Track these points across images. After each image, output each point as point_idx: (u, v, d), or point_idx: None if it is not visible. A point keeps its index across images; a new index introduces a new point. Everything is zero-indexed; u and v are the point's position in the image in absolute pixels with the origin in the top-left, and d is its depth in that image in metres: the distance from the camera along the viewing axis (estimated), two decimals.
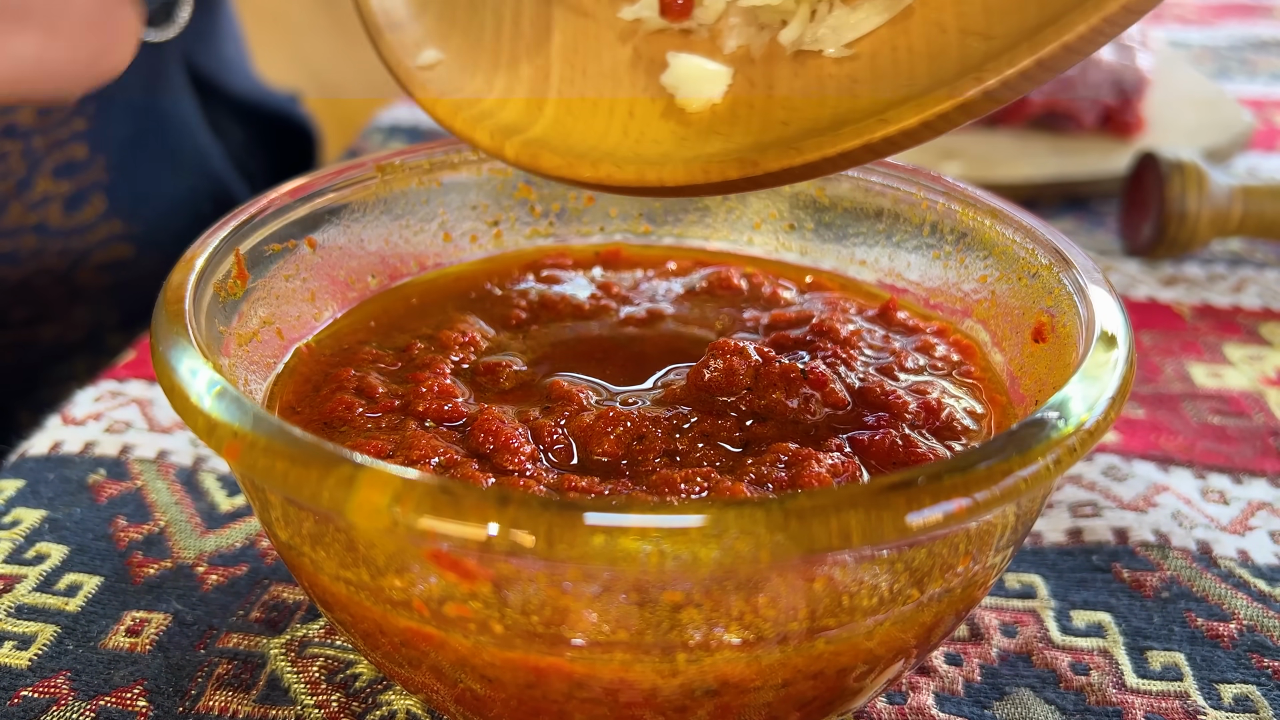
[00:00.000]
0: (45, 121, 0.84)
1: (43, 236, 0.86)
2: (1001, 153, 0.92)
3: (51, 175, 0.85)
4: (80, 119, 0.85)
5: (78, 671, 0.44)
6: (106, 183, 0.88)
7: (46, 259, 0.88)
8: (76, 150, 0.86)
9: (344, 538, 0.32)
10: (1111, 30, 0.33)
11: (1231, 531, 0.53)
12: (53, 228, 0.87)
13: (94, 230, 0.89)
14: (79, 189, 0.87)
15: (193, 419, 0.33)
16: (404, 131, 1.02)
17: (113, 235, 0.90)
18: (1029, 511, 0.36)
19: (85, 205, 0.88)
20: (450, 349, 0.46)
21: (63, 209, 0.87)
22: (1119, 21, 0.32)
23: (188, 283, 0.39)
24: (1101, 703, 0.43)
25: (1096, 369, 0.35)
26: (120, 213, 0.90)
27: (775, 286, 0.52)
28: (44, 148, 0.84)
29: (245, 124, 1.05)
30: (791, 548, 0.28)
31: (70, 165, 0.86)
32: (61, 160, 0.86)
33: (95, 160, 0.87)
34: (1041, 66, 0.33)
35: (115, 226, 0.90)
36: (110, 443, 0.57)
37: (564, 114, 0.43)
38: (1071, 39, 0.33)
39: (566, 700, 0.33)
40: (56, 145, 0.85)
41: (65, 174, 0.86)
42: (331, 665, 0.44)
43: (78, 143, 0.86)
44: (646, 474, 0.39)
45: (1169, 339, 0.70)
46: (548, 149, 0.42)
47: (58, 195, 0.86)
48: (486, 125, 0.43)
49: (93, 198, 0.88)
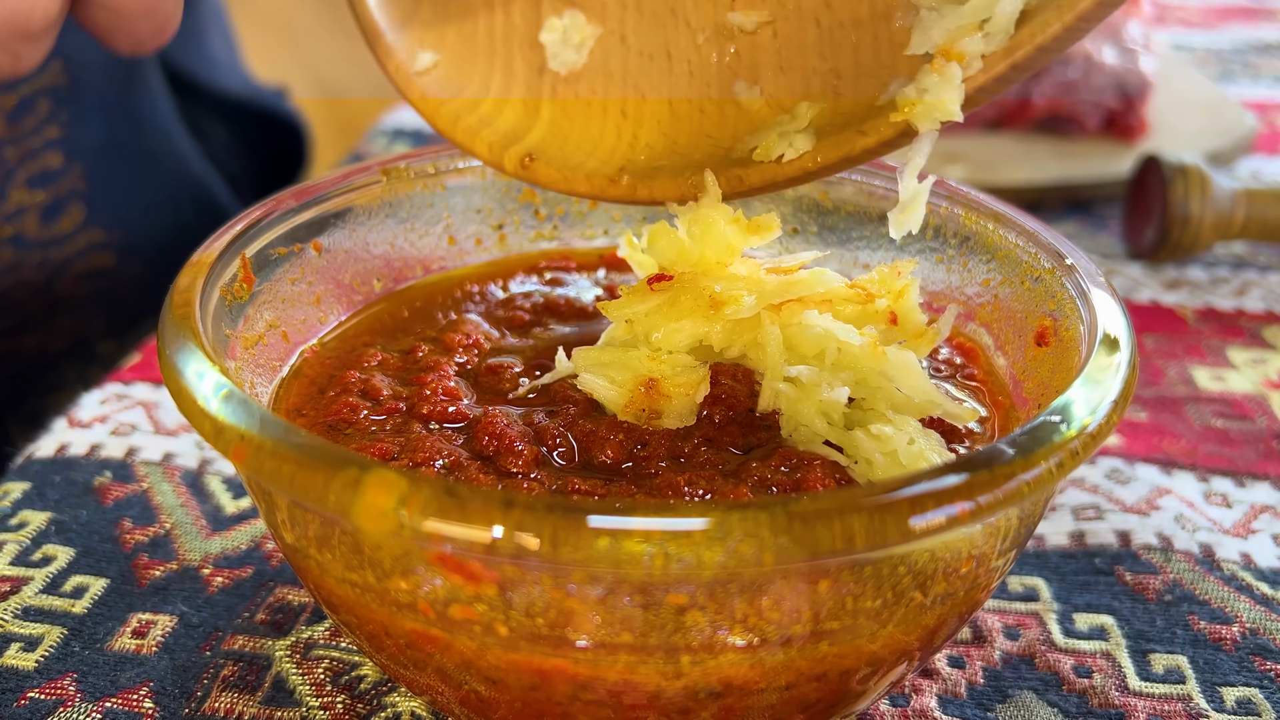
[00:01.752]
0: (16, 130, 0.81)
1: (20, 249, 0.84)
2: (1004, 156, 0.92)
3: (26, 185, 0.83)
4: (53, 126, 0.83)
5: (84, 673, 0.44)
6: (84, 191, 0.86)
7: (24, 271, 0.85)
8: (51, 159, 0.83)
9: (350, 540, 0.33)
10: (1086, 26, 0.33)
11: (1234, 535, 0.53)
12: (30, 239, 0.84)
13: (73, 240, 0.86)
14: (56, 198, 0.84)
15: (200, 422, 0.33)
16: (408, 135, 1.02)
17: (93, 244, 0.87)
18: (1032, 515, 0.36)
19: (63, 215, 0.85)
20: (454, 351, 0.47)
21: (39, 219, 0.84)
22: (1093, 17, 0.33)
23: (195, 286, 0.40)
24: (1104, 705, 0.44)
25: (1099, 372, 0.35)
26: (100, 220, 0.87)
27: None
28: (16, 158, 0.82)
29: (228, 122, 1.03)
30: (795, 550, 0.28)
31: (45, 174, 0.84)
32: (36, 170, 0.83)
33: (71, 168, 0.85)
34: (1016, 69, 0.34)
35: (95, 235, 0.87)
36: (116, 445, 0.57)
37: (560, 116, 0.44)
38: (1045, 40, 0.33)
39: (571, 702, 0.33)
40: (30, 155, 0.82)
41: (40, 183, 0.83)
42: (337, 667, 0.45)
43: (52, 150, 0.83)
44: (650, 477, 0.39)
45: (1172, 342, 0.70)
46: (544, 161, 0.43)
47: (34, 205, 0.84)
48: (485, 135, 0.44)
49: (70, 207, 0.85)
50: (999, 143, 0.95)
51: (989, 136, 0.97)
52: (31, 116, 0.82)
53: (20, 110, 0.81)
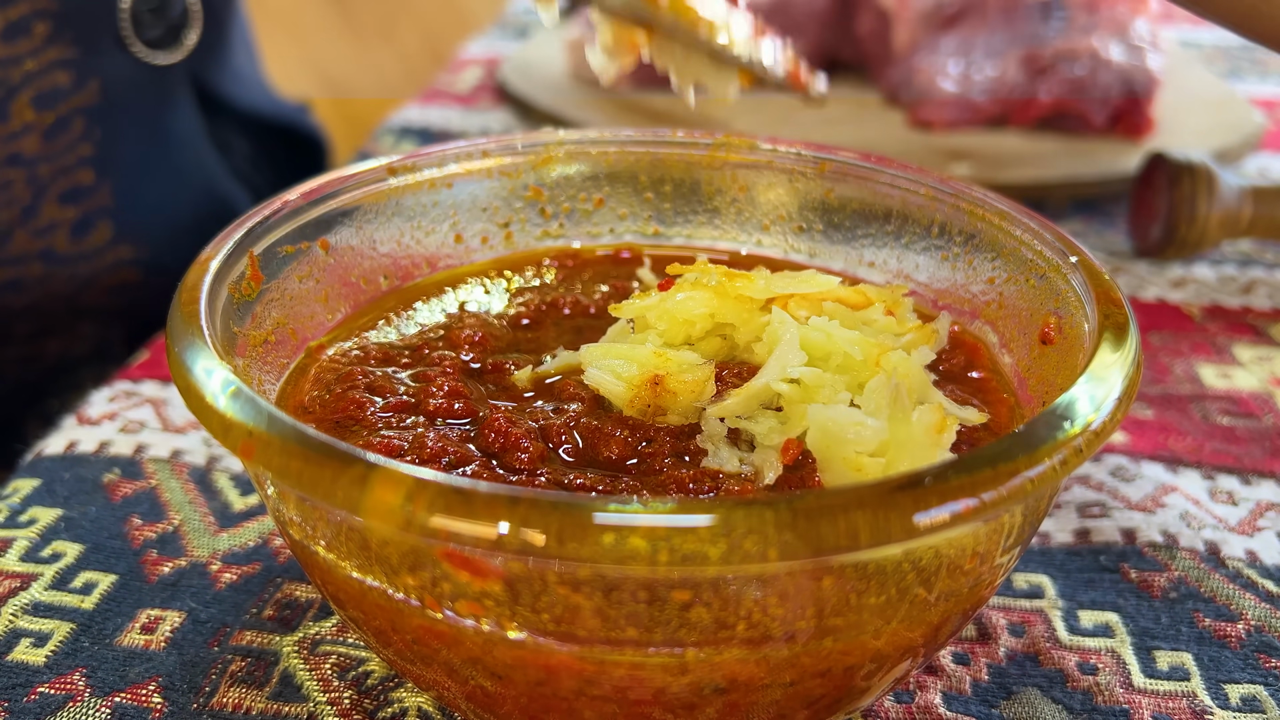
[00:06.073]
0: (51, 148, 0.83)
1: (49, 264, 0.85)
2: (1011, 154, 0.92)
3: (58, 201, 0.84)
4: (86, 144, 0.84)
5: (93, 668, 0.44)
6: (113, 207, 0.87)
7: (53, 285, 0.87)
8: (83, 175, 0.85)
9: (357, 536, 0.33)
10: None
11: (1240, 532, 0.53)
12: (60, 254, 0.86)
13: (101, 256, 0.88)
14: (85, 214, 0.86)
15: (208, 419, 0.33)
16: (415, 133, 1.02)
17: (120, 261, 0.89)
18: (1036, 512, 0.36)
19: (92, 231, 0.87)
20: (460, 348, 0.47)
21: (69, 235, 0.86)
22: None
23: (203, 284, 0.40)
24: (1109, 702, 0.44)
25: (1103, 370, 0.35)
26: (127, 237, 0.89)
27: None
28: (50, 174, 0.83)
29: (252, 137, 1.05)
30: (799, 547, 0.28)
31: (77, 190, 0.85)
32: (68, 186, 0.85)
33: (102, 185, 0.86)
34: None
35: (123, 251, 0.89)
36: (125, 442, 0.58)
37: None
38: None
39: (576, 697, 0.34)
40: (62, 171, 0.84)
41: (72, 200, 0.85)
42: (344, 662, 0.45)
43: (84, 168, 0.85)
44: (655, 474, 0.39)
45: (1178, 340, 0.70)
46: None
47: (64, 221, 0.85)
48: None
49: (99, 223, 0.87)
50: (1005, 140, 0.95)
51: (995, 134, 0.97)
52: (66, 135, 0.83)
53: (56, 129, 0.82)
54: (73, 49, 0.81)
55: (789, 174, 0.54)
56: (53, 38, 0.79)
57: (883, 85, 1.07)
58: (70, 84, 0.81)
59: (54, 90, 0.81)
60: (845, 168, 0.52)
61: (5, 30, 0.77)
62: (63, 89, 0.81)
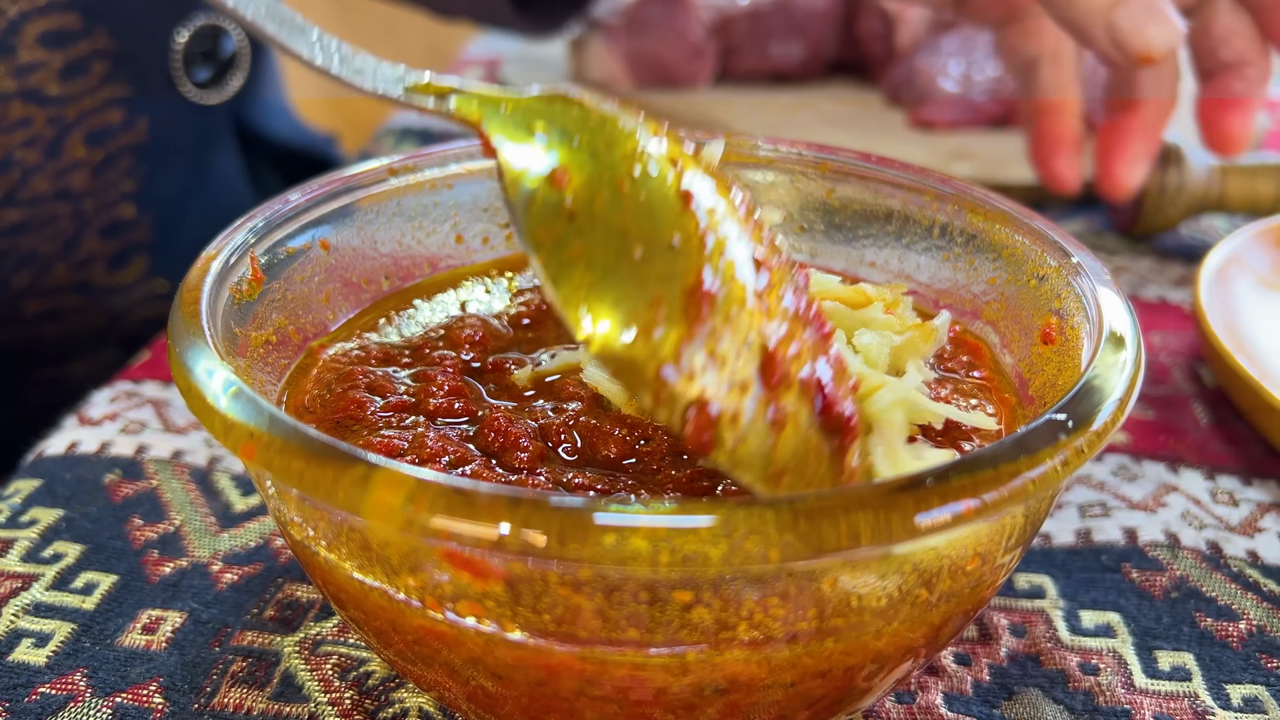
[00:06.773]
0: (97, 184, 0.84)
1: (86, 295, 0.87)
2: (1012, 154, 0.92)
3: (99, 235, 0.86)
4: (130, 180, 0.86)
5: (94, 669, 0.44)
6: (151, 242, 0.88)
7: (88, 316, 0.88)
8: (125, 210, 0.86)
9: (358, 537, 0.33)
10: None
11: (1241, 532, 0.53)
12: (96, 286, 0.87)
13: (136, 289, 0.89)
14: (123, 248, 0.87)
15: (209, 419, 0.33)
16: (416, 134, 1.02)
17: (154, 295, 0.90)
18: (1037, 512, 0.36)
19: (128, 264, 0.88)
20: (461, 348, 0.47)
21: (106, 268, 0.87)
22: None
23: (204, 284, 0.40)
24: (1110, 703, 0.44)
25: (1104, 370, 0.35)
26: (162, 271, 0.90)
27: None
28: (93, 209, 0.84)
29: (282, 170, 1.06)
30: (800, 548, 0.28)
31: (117, 225, 0.86)
32: (109, 220, 0.86)
33: (142, 220, 0.88)
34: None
35: (156, 285, 0.90)
36: (126, 443, 0.58)
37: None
38: None
39: (577, 698, 0.34)
40: (105, 206, 0.85)
41: (112, 234, 0.86)
42: (345, 663, 0.45)
43: (126, 203, 0.86)
44: (654, 473, 0.39)
45: (1179, 339, 0.70)
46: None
47: (103, 254, 0.87)
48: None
49: (136, 257, 0.88)
50: (1007, 140, 0.95)
51: (996, 134, 0.97)
52: (113, 171, 0.84)
53: (104, 165, 0.84)
54: (127, 88, 0.82)
55: (790, 174, 0.54)
56: (109, 77, 0.81)
57: (884, 85, 1.07)
58: (121, 122, 0.83)
59: (105, 128, 0.83)
60: (846, 168, 0.52)
61: (64, 69, 0.78)
62: (114, 127, 0.83)
